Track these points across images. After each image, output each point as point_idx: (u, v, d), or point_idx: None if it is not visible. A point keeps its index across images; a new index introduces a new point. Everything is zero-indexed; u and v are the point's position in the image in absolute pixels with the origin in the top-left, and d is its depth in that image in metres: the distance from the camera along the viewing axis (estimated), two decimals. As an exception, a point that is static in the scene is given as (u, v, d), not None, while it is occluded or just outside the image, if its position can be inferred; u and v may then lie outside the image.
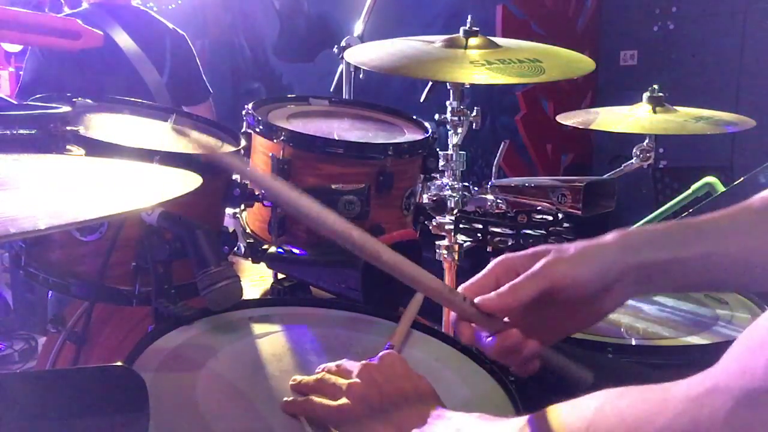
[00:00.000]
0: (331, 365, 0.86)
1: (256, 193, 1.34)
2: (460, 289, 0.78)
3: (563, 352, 0.79)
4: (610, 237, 0.76)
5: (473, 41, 1.46)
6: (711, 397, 0.46)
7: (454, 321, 0.78)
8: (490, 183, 1.66)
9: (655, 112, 1.78)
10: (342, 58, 1.97)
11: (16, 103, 1.29)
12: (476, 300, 0.75)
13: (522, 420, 0.65)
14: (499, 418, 0.70)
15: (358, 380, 0.78)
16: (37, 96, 1.35)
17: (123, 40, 2.44)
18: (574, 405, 0.60)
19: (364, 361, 0.82)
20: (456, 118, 1.51)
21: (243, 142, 1.48)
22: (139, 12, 2.64)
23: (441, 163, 1.54)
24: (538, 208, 1.55)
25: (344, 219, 0.70)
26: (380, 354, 0.82)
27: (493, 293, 0.75)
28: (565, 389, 0.78)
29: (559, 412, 0.61)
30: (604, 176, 1.74)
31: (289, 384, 0.86)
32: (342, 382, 0.80)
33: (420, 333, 1.08)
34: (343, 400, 0.77)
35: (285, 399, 0.82)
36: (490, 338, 0.76)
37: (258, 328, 1.05)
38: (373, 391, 0.77)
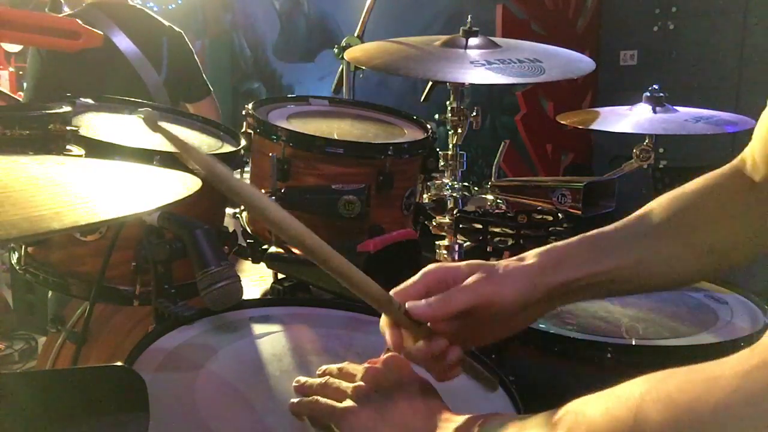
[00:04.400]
0: (333, 368, 0.85)
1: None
2: (391, 293, 0.80)
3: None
4: (531, 258, 0.81)
5: (473, 41, 1.46)
6: (763, 369, 0.46)
7: (382, 326, 0.81)
8: (490, 183, 1.66)
9: (655, 112, 1.78)
10: (342, 58, 1.97)
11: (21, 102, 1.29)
12: (407, 305, 0.77)
13: (552, 413, 0.63)
14: (522, 416, 0.70)
15: (363, 383, 0.78)
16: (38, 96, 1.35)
17: (120, 39, 2.44)
18: (613, 392, 0.58)
19: (366, 365, 0.82)
20: (456, 118, 1.51)
21: (243, 142, 1.48)
22: (135, 11, 2.63)
23: (441, 163, 1.54)
24: (538, 208, 1.55)
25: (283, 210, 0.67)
26: (384, 357, 0.82)
27: (423, 302, 0.78)
28: (565, 389, 0.78)
29: (598, 401, 0.59)
30: (604, 176, 1.74)
31: (293, 385, 0.86)
32: (347, 385, 0.80)
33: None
34: (349, 403, 0.77)
35: (292, 401, 0.82)
36: (418, 344, 0.78)
37: (258, 328, 1.05)
38: (379, 394, 0.77)
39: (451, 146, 1.53)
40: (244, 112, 1.53)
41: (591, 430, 0.57)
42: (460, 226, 1.49)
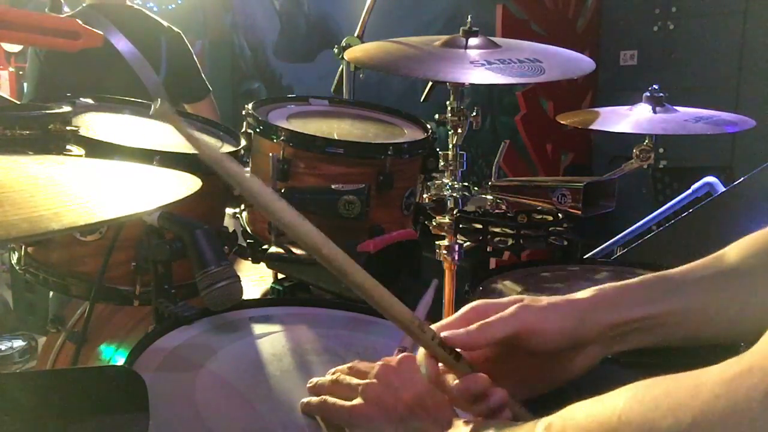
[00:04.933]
0: (343, 367, 0.85)
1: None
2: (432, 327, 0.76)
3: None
4: (584, 294, 0.75)
5: (473, 41, 1.46)
6: (747, 377, 0.45)
7: (419, 358, 0.76)
8: (490, 183, 1.65)
9: (655, 112, 1.78)
10: (342, 58, 1.97)
11: (18, 103, 1.29)
12: (443, 335, 0.73)
13: (545, 419, 0.64)
14: (515, 423, 0.70)
15: (374, 381, 0.78)
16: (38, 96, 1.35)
17: (118, 40, 2.44)
18: (601, 398, 0.58)
19: (381, 362, 0.80)
20: (456, 118, 1.51)
21: (243, 142, 1.48)
22: (133, 11, 2.63)
23: (441, 163, 1.54)
24: (538, 208, 1.55)
25: (317, 229, 0.65)
26: (399, 357, 0.80)
27: (461, 330, 0.73)
28: (565, 389, 0.78)
29: (585, 406, 0.59)
30: (604, 176, 1.74)
31: (306, 386, 0.86)
32: (357, 382, 0.79)
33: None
34: (358, 401, 0.77)
35: (303, 400, 0.82)
36: (456, 381, 0.73)
37: (258, 328, 1.05)
38: (389, 393, 0.76)
39: (451, 146, 1.52)
40: (244, 112, 1.53)
41: None
42: (460, 226, 1.49)
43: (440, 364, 0.74)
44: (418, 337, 0.72)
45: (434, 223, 1.55)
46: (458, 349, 0.73)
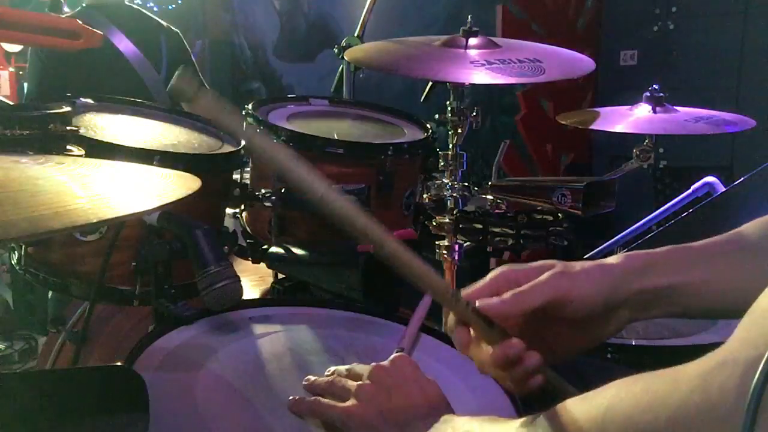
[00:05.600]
0: (342, 368, 0.85)
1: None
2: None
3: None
4: (614, 259, 0.76)
5: (473, 41, 1.46)
6: (720, 370, 0.46)
7: (450, 326, 0.75)
8: (490, 183, 1.65)
9: (655, 112, 1.78)
10: (342, 58, 1.97)
11: (11, 104, 1.29)
12: (477, 303, 0.72)
13: (532, 417, 0.65)
14: (506, 419, 0.70)
15: (368, 382, 0.78)
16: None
17: (119, 39, 2.45)
18: (587, 396, 0.59)
19: (374, 363, 0.81)
20: (456, 118, 1.51)
21: (243, 142, 1.48)
22: (132, 11, 2.64)
23: (441, 163, 1.54)
24: (538, 208, 1.55)
25: (351, 203, 0.68)
26: (392, 357, 0.82)
27: (495, 298, 0.73)
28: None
29: (572, 404, 0.60)
30: (604, 176, 1.74)
31: (302, 383, 0.86)
32: (352, 384, 0.80)
33: (426, 336, 1.08)
34: (352, 402, 0.77)
35: (291, 398, 0.82)
36: (491, 348, 0.72)
37: (258, 328, 1.05)
38: (383, 393, 0.77)
39: (451, 146, 1.52)
40: (244, 112, 1.53)
41: (564, 430, 0.59)
42: (460, 226, 1.49)
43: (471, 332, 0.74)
44: (452, 305, 0.72)
45: (434, 223, 1.55)
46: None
